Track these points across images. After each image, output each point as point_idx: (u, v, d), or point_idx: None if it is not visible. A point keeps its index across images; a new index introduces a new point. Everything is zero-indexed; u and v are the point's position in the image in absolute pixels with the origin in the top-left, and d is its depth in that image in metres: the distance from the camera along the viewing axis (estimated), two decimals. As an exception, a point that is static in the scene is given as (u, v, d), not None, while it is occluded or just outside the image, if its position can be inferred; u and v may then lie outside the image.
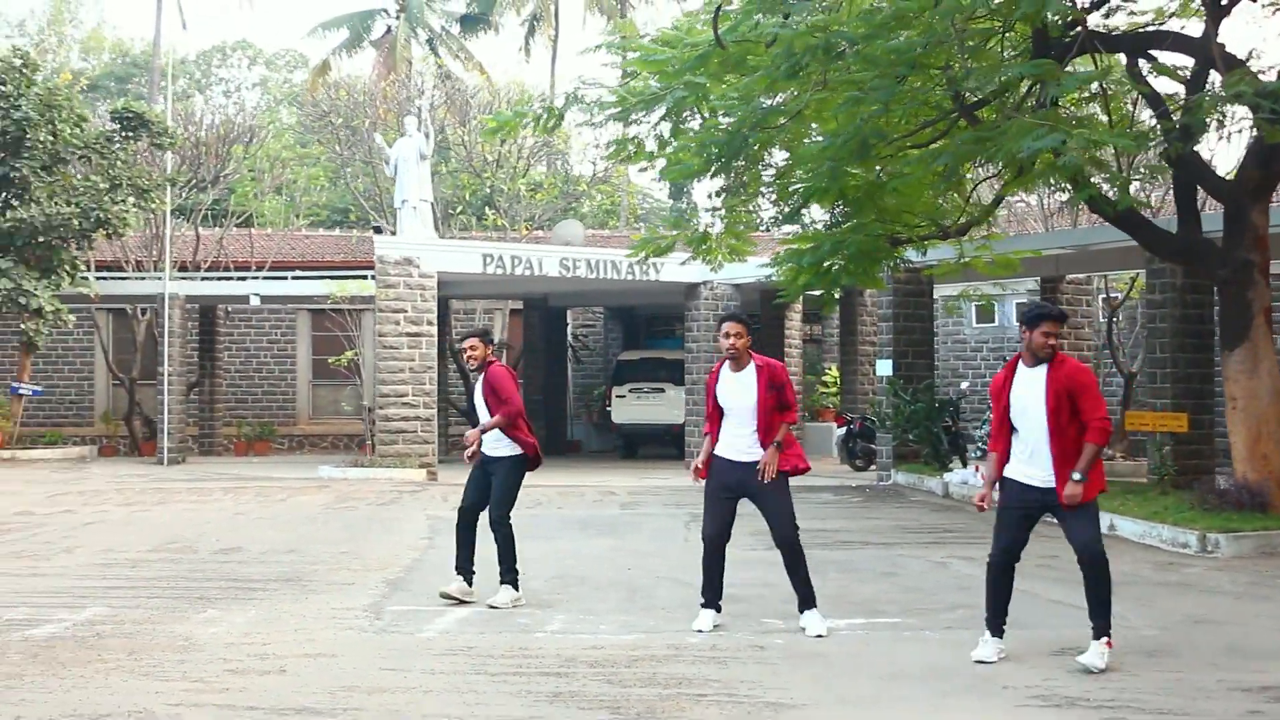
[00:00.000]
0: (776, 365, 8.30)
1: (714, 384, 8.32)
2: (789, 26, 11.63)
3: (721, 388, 8.26)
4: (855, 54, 12.20)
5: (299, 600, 9.37)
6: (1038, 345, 7.24)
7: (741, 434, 8.22)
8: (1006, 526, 7.48)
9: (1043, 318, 7.27)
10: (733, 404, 8.21)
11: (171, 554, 11.83)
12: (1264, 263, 12.75)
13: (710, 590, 8.48)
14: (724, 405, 8.25)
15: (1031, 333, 7.25)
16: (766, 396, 8.13)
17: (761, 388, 8.13)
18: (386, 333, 21.22)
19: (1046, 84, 11.14)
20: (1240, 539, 11.57)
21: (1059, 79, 11.07)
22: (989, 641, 7.44)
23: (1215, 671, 7.09)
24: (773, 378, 8.18)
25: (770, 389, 8.15)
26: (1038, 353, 7.26)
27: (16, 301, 23.07)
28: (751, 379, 8.17)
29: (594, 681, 6.85)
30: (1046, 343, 7.22)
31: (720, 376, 8.30)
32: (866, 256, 16.08)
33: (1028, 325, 7.29)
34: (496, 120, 16.85)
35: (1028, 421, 7.27)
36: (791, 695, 6.58)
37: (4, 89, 23.05)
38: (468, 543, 9.27)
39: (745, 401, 8.16)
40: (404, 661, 7.32)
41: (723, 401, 8.25)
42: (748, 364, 8.21)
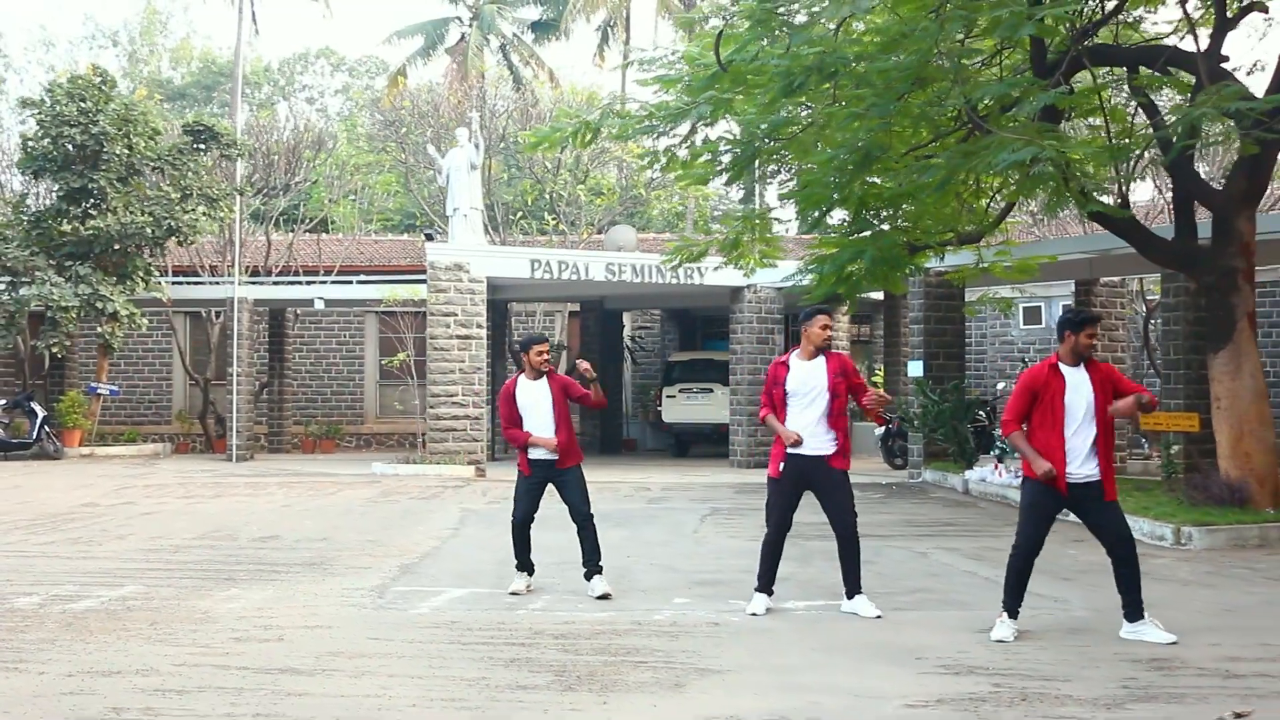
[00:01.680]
0: (843, 354, 9.00)
1: (784, 375, 8.77)
2: (787, 56, 12.34)
3: (793, 377, 8.74)
4: (849, 75, 12.92)
5: (316, 582, 10.30)
6: (1084, 346, 7.97)
7: (813, 425, 8.66)
8: (1039, 520, 8.12)
9: (1087, 321, 8.00)
10: (804, 393, 8.67)
11: (213, 541, 12.84)
12: (1248, 269, 13.28)
13: (765, 577, 9.01)
14: (793, 393, 8.70)
15: (1077, 335, 7.95)
16: (836, 382, 8.68)
17: (831, 374, 8.67)
18: (437, 335, 22.20)
19: (1025, 99, 11.76)
20: (1213, 532, 12.15)
21: (1033, 95, 11.67)
22: (1006, 623, 8.06)
23: (1120, 646, 7.76)
24: (841, 364, 8.75)
25: (839, 375, 8.69)
26: (1084, 354, 7.98)
27: (94, 306, 24.42)
28: (822, 368, 8.70)
29: (552, 650, 7.68)
30: (1091, 343, 7.99)
31: (791, 365, 8.80)
32: (886, 262, 16.70)
33: (1072, 329, 7.99)
34: (535, 135, 17.74)
35: (1076, 419, 7.90)
36: (722, 663, 7.36)
37: (84, 105, 24.40)
38: (528, 545, 9.83)
39: (818, 389, 8.63)
40: (390, 632, 8.21)
41: (792, 389, 8.71)
42: (818, 355, 8.77)
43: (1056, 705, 6.39)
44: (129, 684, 6.74)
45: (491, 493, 18.33)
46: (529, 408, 9.64)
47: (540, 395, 9.67)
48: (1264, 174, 13.28)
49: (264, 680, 6.85)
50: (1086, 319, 8.01)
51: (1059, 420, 7.93)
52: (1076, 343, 7.97)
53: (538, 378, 9.74)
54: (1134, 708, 6.35)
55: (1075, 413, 7.93)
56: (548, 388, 9.68)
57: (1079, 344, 7.97)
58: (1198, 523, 12.32)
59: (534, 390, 9.69)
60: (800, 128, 15.20)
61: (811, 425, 8.68)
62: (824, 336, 8.78)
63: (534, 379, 9.74)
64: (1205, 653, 7.58)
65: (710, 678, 7.01)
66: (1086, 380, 7.97)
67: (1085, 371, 8.00)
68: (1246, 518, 12.56)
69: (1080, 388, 7.96)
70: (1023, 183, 13.02)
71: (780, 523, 9.00)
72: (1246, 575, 10.65)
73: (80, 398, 26.51)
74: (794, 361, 8.81)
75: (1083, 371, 8.00)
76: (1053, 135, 12.32)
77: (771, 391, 8.83)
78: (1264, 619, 8.67)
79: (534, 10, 52.30)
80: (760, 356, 24.68)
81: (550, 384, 9.71)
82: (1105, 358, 22.39)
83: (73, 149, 24.35)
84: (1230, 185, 13.47)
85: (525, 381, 9.74)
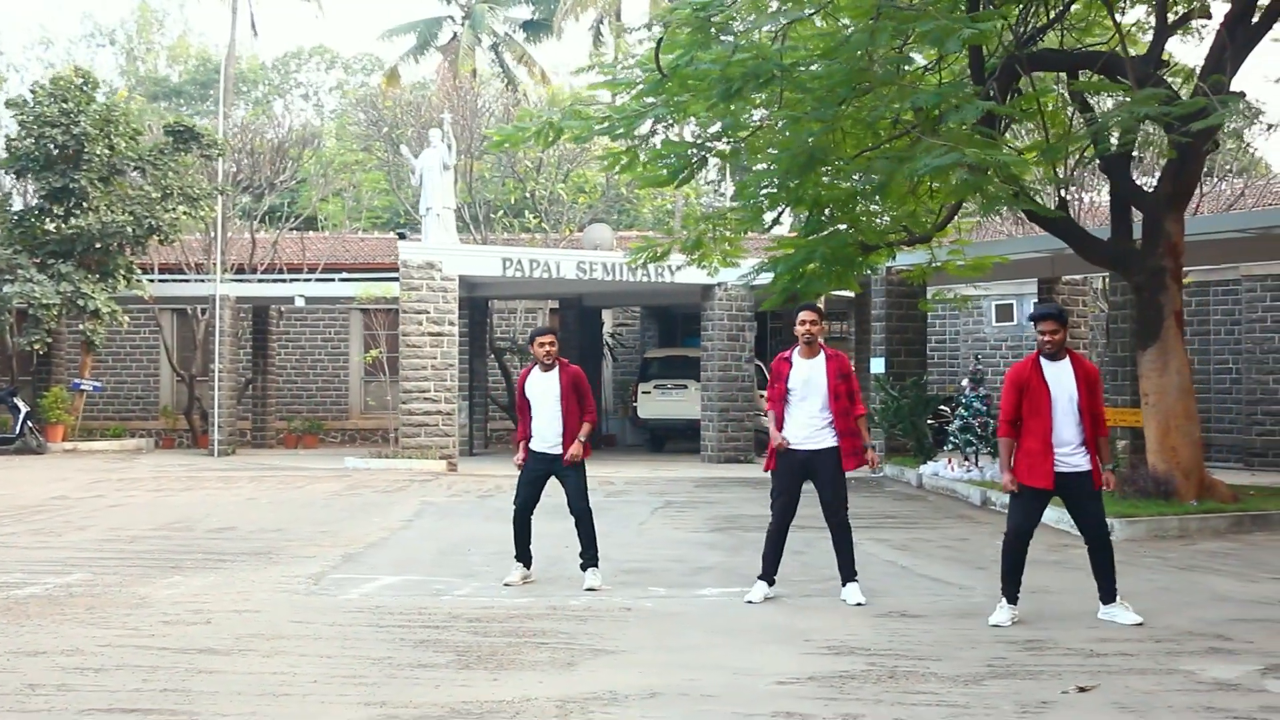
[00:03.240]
0: (843, 356, 9.24)
1: (786, 370, 9.09)
2: (720, 62, 12.73)
3: (795, 375, 9.05)
4: (790, 81, 13.32)
5: (257, 570, 10.72)
6: (1040, 342, 8.29)
7: (811, 420, 9.03)
8: (1028, 509, 8.46)
9: (1040, 317, 8.34)
10: (804, 390, 9.00)
11: (170, 532, 13.27)
12: (1176, 268, 13.69)
13: (766, 565, 9.38)
14: (794, 389, 9.04)
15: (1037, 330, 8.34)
16: (837, 384, 8.99)
17: (831, 375, 8.98)
18: (410, 332, 22.63)
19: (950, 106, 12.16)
20: (1134, 523, 12.56)
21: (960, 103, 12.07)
22: (1004, 608, 8.40)
23: (1000, 630, 8.16)
24: (841, 366, 9.06)
25: (840, 377, 9.00)
26: (1042, 349, 8.28)
27: (76, 304, 24.88)
28: (822, 366, 9.02)
29: (462, 633, 8.10)
30: (1047, 339, 8.24)
31: (794, 362, 9.09)
32: (839, 262, 17.11)
33: (1034, 324, 8.41)
34: (500, 133, 18.15)
35: (1059, 411, 8.19)
36: (620, 645, 7.77)
37: (65, 106, 24.84)
38: (528, 535, 10.12)
39: (817, 387, 8.97)
40: (314, 616, 8.63)
41: (793, 386, 9.04)
42: (818, 353, 9.09)
43: (919, 682, 6.80)
44: (51, 663, 7.17)
45: (456, 486, 18.76)
46: (537, 399, 9.88)
47: (548, 387, 9.84)
48: (1190, 177, 13.70)
49: (180, 659, 7.27)
50: (1040, 314, 8.35)
51: (1044, 413, 8.22)
52: (1039, 341, 8.34)
53: (548, 370, 9.92)
54: (990, 684, 6.76)
55: (1058, 405, 8.21)
56: (557, 380, 9.84)
57: (1038, 339, 8.33)
58: (1121, 515, 12.71)
59: (543, 382, 9.88)
60: (749, 132, 15.64)
61: (810, 419, 9.03)
62: (801, 331, 9.06)
63: (545, 371, 9.92)
64: (1080, 635, 7.98)
65: (603, 658, 7.42)
66: (1069, 373, 8.27)
67: (1069, 366, 8.30)
68: (1169, 509, 12.98)
69: (1062, 380, 8.26)
70: (956, 186, 13.39)
71: (781, 513, 9.31)
72: (1155, 564, 11.06)
73: (64, 393, 26.94)
74: (796, 359, 9.10)
75: (1066, 365, 8.30)
76: (986, 141, 12.76)
77: (775, 386, 9.18)
78: (1150, 604, 9.05)
79: (525, 9, 52.66)
80: (730, 354, 25.10)
81: (561, 376, 9.85)
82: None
83: (55, 149, 24.78)
84: (1158, 188, 13.90)
85: (536, 373, 9.95)
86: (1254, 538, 12.76)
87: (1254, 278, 22.94)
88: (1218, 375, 24.37)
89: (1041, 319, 8.32)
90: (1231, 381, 24.07)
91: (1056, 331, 8.26)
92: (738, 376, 25.24)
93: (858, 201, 16.31)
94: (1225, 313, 24.33)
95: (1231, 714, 6.12)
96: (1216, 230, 17.39)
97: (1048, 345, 8.28)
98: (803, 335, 9.07)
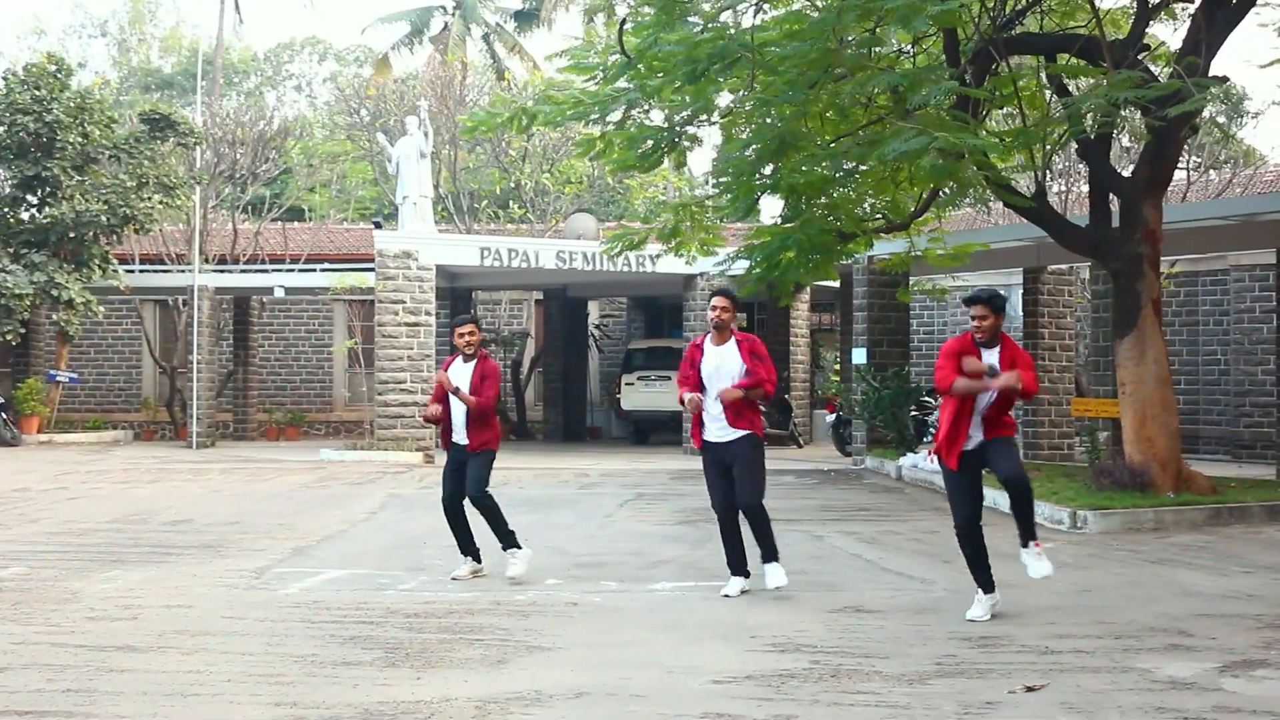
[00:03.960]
0: (755, 338, 8.90)
1: (699, 358, 8.77)
2: (684, 43, 12.42)
3: (706, 362, 8.74)
4: (761, 64, 12.99)
5: (202, 563, 10.42)
6: (972, 328, 7.87)
7: (719, 414, 8.72)
8: (965, 495, 8.07)
9: (972, 301, 7.90)
10: (716, 377, 8.67)
11: (124, 525, 12.97)
12: (1154, 255, 13.38)
13: (734, 560, 9.02)
14: (707, 377, 8.72)
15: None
16: (753, 365, 8.65)
17: (745, 357, 8.64)
18: (386, 322, 22.33)
19: (916, 89, 11.84)
20: (1108, 516, 12.25)
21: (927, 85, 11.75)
22: (981, 600, 8.09)
23: (956, 626, 7.86)
24: (754, 347, 8.74)
25: (753, 357, 8.67)
26: (973, 335, 7.86)
27: (49, 294, 24.54)
28: (734, 352, 8.69)
29: (397, 629, 7.79)
30: (978, 325, 7.81)
31: (705, 350, 8.79)
32: (816, 250, 16.80)
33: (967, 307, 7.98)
34: (472, 120, 17.85)
35: (984, 398, 7.82)
36: (557, 641, 7.46)
37: (38, 93, 24.50)
38: (464, 527, 9.81)
39: (728, 374, 8.64)
40: (246, 611, 8.32)
41: (707, 373, 8.72)
42: (729, 339, 8.75)
43: (861, 681, 6.50)
44: (-43, 660, 6.87)
45: (428, 479, 18.43)
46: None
47: (462, 379, 9.56)
48: (1167, 162, 13.38)
49: (93, 658, 6.96)
50: (973, 298, 7.90)
51: (968, 400, 7.86)
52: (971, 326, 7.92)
53: (467, 360, 9.66)
54: (935, 683, 6.45)
55: (983, 396, 7.83)
56: (471, 373, 9.57)
57: (971, 326, 7.91)
58: (1095, 507, 12.42)
59: (460, 373, 9.63)
60: (723, 116, 15.34)
61: (722, 410, 8.71)
62: (712, 317, 8.74)
63: (466, 361, 9.66)
64: (1037, 630, 7.68)
65: (536, 655, 7.12)
66: (997, 361, 7.82)
67: (999, 354, 7.83)
68: (1145, 501, 12.67)
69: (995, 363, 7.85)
70: (928, 172, 13.05)
71: (722, 507, 8.95)
72: (1126, 557, 10.76)
73: (39, 385, 26.63)
74: (707, 346, 8.81)
75: (995, 355, 7.84)
76: (959, 126, 12.43)
77: (688, 376, 8.85)
78: (1114, 599, 8.77)
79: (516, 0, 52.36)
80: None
81: (475, 370, 9.58)
82: (1053, 345, 22.54)
83: (27, 137, 24.45)
84: (1136, 172, 13.59)
85: (457, 364, 9.72)
86: (1230, 530, 12.45)
87: (1242, 267, 22.64)
88: (1206, 366, 24.07)
89: (972, 303, 7.88)
90: (1220, 373, 23.78)
91: (986, 318, 7.81)
92: (720, 367, 24.86)
93: (835, 188, 15.99)
94: (1214, 303, 24.03)
95: (1182, 715, 5.81)
96: (1199, 217, 17.04)
97: (978, 333, 7.85)
98: (712, 320, 8.76)
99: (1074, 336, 23.63)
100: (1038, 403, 22.24)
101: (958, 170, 12.14)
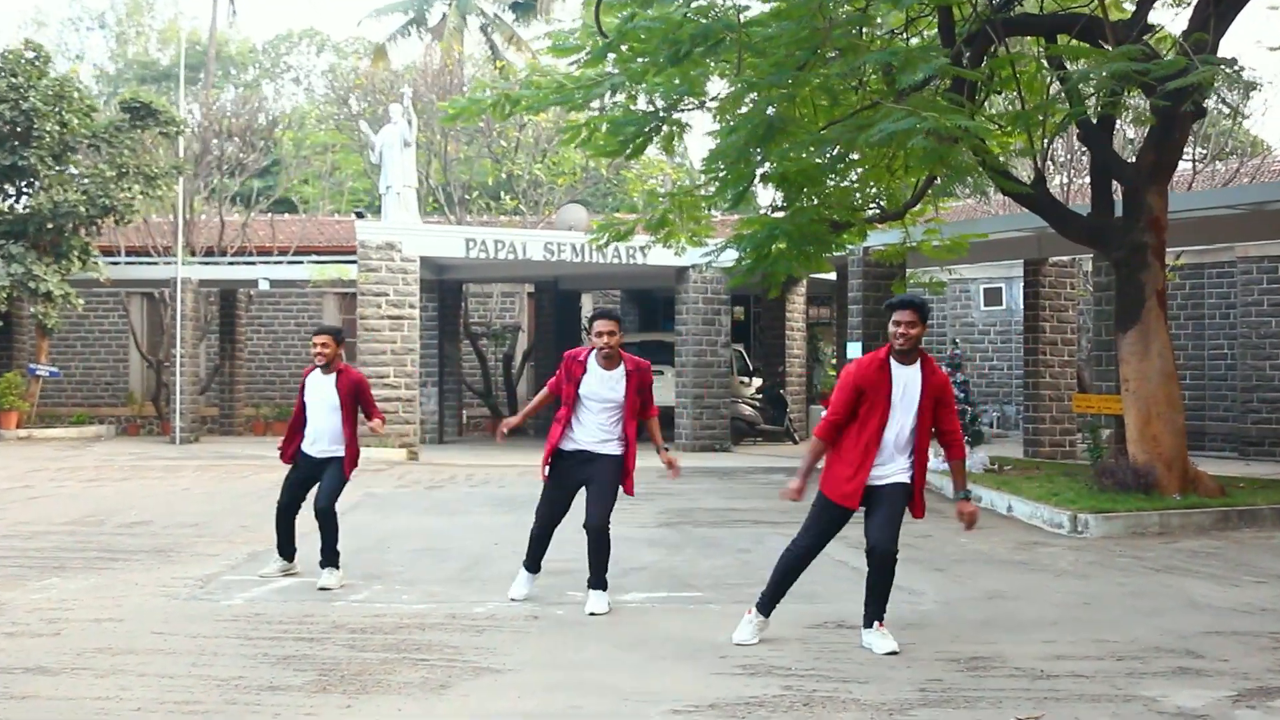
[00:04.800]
0: (644, 365, 8.30)
1: (580, 374, 8.18)
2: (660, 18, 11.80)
3: (589, 379, 8.16)
4: (748, 45, 12.36)
5: (147, 570, 9.82)
6: (893, 335, 6.83)
7: (602, 429, 8.19)
8: (827, 529, 7.25)
9: (897, 306, 6.89)
10: (599, 397, 8.15)
11: (77, 527, 12.36)
12: (1158, 245, 12.75)
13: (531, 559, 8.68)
14: (585, 396, 8.19)
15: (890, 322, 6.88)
16: (634, 399, 8.17)
17: (630, 392, 8.14)
18: (369, 316, 21.71)
19: (907, 69, 11.22)
20: (1110, 519, 11.63)
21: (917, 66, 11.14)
22: (751, 622, 7.37)
23: (947, 645, 7.25)
24: (642, 381, 8.21)
25: (638, 392, 8.18)
26: (894, 345, 6.83)
27: (27, 286, 23.92)
28: (621, 379, 8.14)
29: (338, 646, 7.18)
30: (902, 334, 6.78)
31: (589, 369, 8.18)
32: (807, 240, 16.19)
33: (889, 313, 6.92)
34: (454, 106, 17.23)
35: (896, 427, 6.87)
36: (509, 662, 6.86)
37: (14, 80, 23.86)
38: (284, 533, 9.63)
39: (614, 398, 8.14)
40: (180, 626, 7.71)
41: (585, 392, 8.18)
42: (618, 364, 8.17)
43: (837, 710, 5.90)
44: None
45: (408, 477, 17.86)
46: (313, 404, 9.30)
47: (326, 392, 9.21)
48: (1173, 146, 12.75)
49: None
50: (901, 301, 6.87)
51: (874, 423, 6.81)
52: (891, 331, 6.87)
53: (327, 373, 9.28)
54: (918, 713, 5.85)
55: (894, 419, 6.83)
56: (334, 386, 9.22)
57: (891, 332, 6.85)
58: (1097, 510, 11.80)
59: (321, 385, 9.27)
60: (715, 101, 14.75)
61: (600, 428, 8.21)
62: (600, 344, 8.11)
63: (325, 374, 9.29)
64: (1032, 650, 7.08)
65: (484, 678, 6.51)
66: (918, 382, 6.84)
67: (920, 372, 6.86)
68: (1149, 504, 12.05)
69: (908, 389, 6.83)
70: (917, 156, 12.45)
71: (546, 522, 8.56)
72: (1129, 565, 10.14)
73: (18, 379, 26.01)
74: (592, 366, 8.18)
75: (916, 371, 6.84)
76: (951, 107, 11.80)
77: (565, 387, 8.24)
78: (1116, 612, 8.16)
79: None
80: (706, 338, 24.19)
81: (338, 382, 9.23)
82: (1054, 339, 21.91)
83: (3, 125, 23.81)
84: (1140, 158, 12.96)
85: (316, 375, 9.34)
86: (1240, 535, 11.83)
87: (1250, 259, 22.00)
88: (1212, 361, 23.44)
89: (900, 307, 6.84)
90: (1227, 368, 23.15)
91: (915, 325, 6.78)
92: (713, 362, 24.31)
93: (827, 176, 15.39)
94: (1220, 296, 23.39)
95: (1191, 754, 5.22)
96: (1206, 206, 16.42)
97: (900, 340, 6.79)
98: (601, 349, 8.11)
99: (1076, 330, 23.00)
100: (1039, 399, 21.63)
101: (950, 154, 11.50)
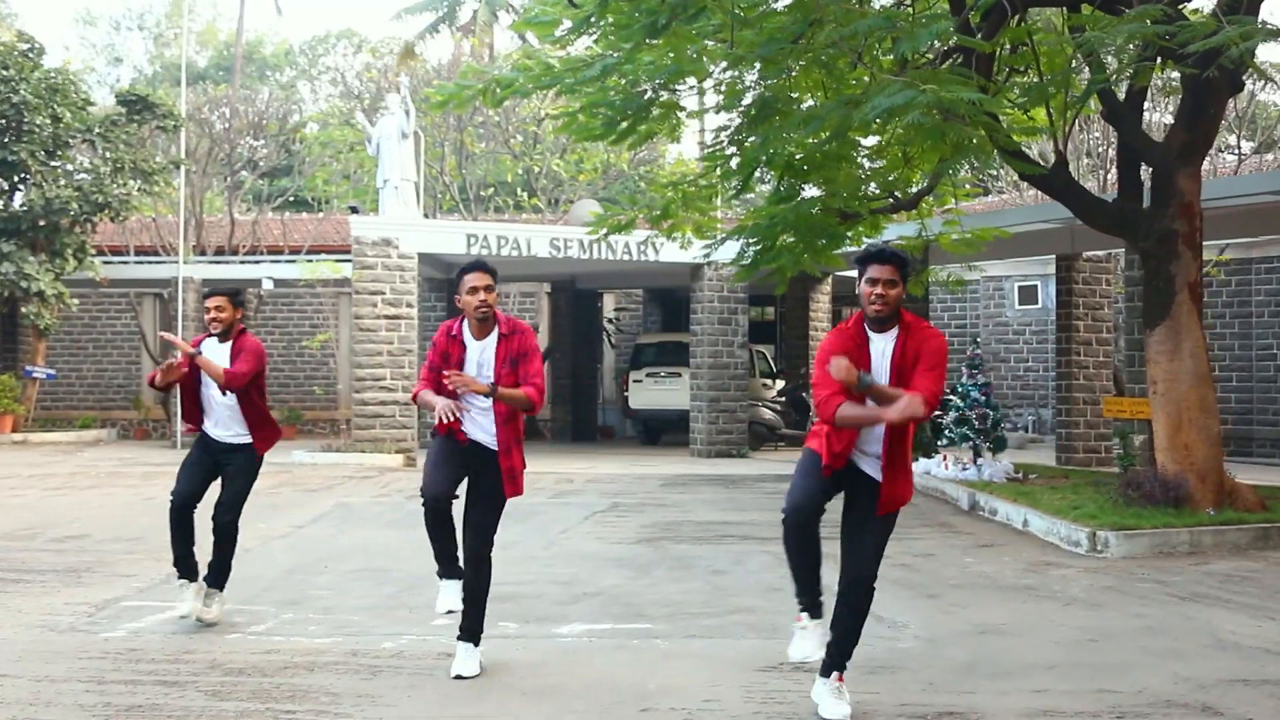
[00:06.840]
0: (524, 328, 6.72)
1: (458, 354, 6.61)
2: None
3: (468, 360, 6.60)
4: (717, 11, 11.25)
5: (48, 593, 8.85)
6: (865, 295, 5.55)
7: (483, 414, 6.63)
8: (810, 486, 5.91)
9: (868, 259, 5.59)
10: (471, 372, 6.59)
11: (6, 541, 11.44)
12: (1190, 233, 11.49)
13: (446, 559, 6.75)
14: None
15: (860, 281, 5.60)
16: (503, 374, 6.54)
17: (499, 361, 6.57)
18: (364, 315, 20.73)
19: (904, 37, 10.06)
20: (1134, 537, 10.40)
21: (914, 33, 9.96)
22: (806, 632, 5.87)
23: (916, 695, 6.12)
24: (511, 349, 6.57)
25: (507, 365, 6.55)
26: (866, 311, 5.59)
27: (19, 285, 23.10)
28: (491, 348, 6.60)
29: (200, 693, 6.13)
30: (876, 293, 5.49)
31: (466, 345, 6.62)
32: (813, 232, 15.07)
33: (858, 269, 5.61)
34: (441, 93, 16.20)
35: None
36: (385, 715, 5.78)
37: (6, 73, 23.05)
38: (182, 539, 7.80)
39: (485, 379, 6.54)
40: (34, 665, 6.68)
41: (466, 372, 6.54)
42: (491, 331, 6.62)
43: (757, 787, 4.78)
44: None
45: (392, 485, 16.82)
46: (208, 380, 7.80)
47: (218, 361, 7.72)
48: (1207, 124, 11.49)
49: None
50: (874, 254, 5.58)
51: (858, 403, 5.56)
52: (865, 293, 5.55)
53: (222, 341, 7.84)
54: (857, 793, 4.72)
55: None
56: (229, 357, 7.75)
57: (864, 294, 5.54)
58: (1119, 526, 10.57)
59: (216, 356, 7.76)
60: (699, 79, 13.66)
61: (480, 413, 6.63)
62: (473, 303, 6.47)
63: (220, 342, 7.83)
64: (1016, 704, 5.93)
65: (349, 737, 5.45)
66: (892, 355, 5.55)
67: (896, 341, 5.55)
68: (1179, 520, 10.80)
69: (886, 355, 5.58)
70: (918, 133, 11.25)
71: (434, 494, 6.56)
72: (1150, 592, 8.92)
73: (12, 381, 25.19)
74: (468, 339, 6.64)
75: (891, 338, 5.56)
76: (956, 79, 10.60)
77: (438, 368, 6.60)
78: (1126, 652, 6.97)
79: (541, -17, 50.89)
80: (722, 339, 23.07)
81: (233, 351, 7.78)
82: (1089, 339, 20.63)
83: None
84: (1169, 137, 11.72)
85: (211, 343, 7.85)
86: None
87: (1299, 253, 20.65)
88: (1260, 362, 22.04)
89: (871, 260, 5.56)
90: (1276, 369, 21.76)
91: (895, 284, 5.50)
92: (730, 364, 23.18)
93: (832, 162, 14.21)
94: (1269, 293, 22.00)
95: None
96: (1250, 193, 15.10)
97: (875, 305, 5.51)
98: (475, 311, 6.50)
99: (1112, 329, 21.69)
100: (1072, 402, 20.36)
101: (954, 132, 10.30)
